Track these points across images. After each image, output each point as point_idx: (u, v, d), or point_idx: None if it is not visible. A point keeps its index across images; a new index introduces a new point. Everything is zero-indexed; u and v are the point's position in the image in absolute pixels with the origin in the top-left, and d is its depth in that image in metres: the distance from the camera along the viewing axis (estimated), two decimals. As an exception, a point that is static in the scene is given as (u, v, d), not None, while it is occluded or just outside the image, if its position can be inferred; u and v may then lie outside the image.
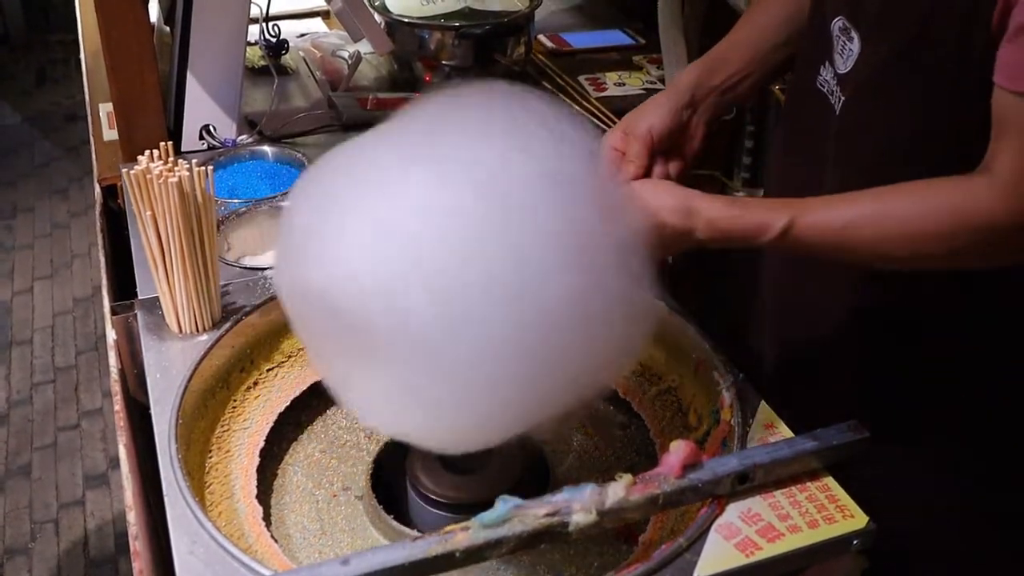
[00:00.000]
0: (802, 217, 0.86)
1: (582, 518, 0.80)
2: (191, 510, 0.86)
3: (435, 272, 0.72)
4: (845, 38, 0.96)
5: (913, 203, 0.84)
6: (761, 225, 0.86)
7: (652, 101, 1.06)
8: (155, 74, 1.39)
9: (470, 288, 0.72)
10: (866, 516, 0.87)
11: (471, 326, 0.73)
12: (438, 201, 0.74)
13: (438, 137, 0.78)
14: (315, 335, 0.85)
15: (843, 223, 0.86)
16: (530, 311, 0.73)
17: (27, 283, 3.17)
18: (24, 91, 4.39)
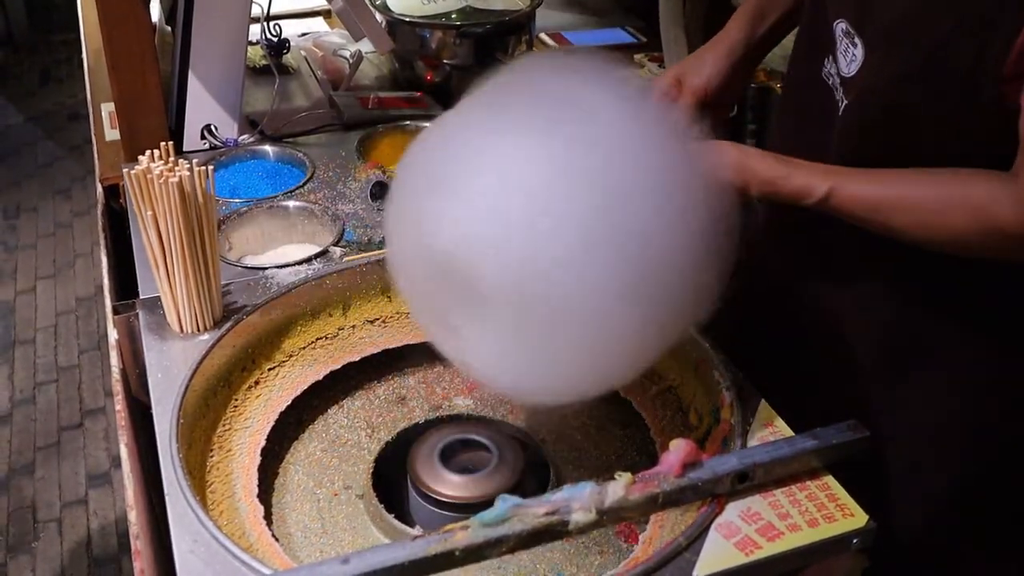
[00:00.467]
0: (842, 188, 0.92)
1: (582, 517, 0.80)
2: (192, 509, 0.86)
3: (557, 229, 0.77)
4: (848, 41, 0.96)
5: (946, 196, 0.88)
6: (805, 188, 0.93)
7: (710, 53, 1.10)
8: (157, 74, 1.39)
9: (587, 242, 0.77)
10: (866, 515, 0.87)
11: (587, 278, 0.77)
12: (554, 163, 0.79)
13: (544, 104, 0.83)
14: (430, 293, 0.88)
15: (876, 201, 0.91)
16: (640, 263, 0.78)
17: (30, 283, 3.18)
18: (28, 91, 4.40)
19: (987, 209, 0.85)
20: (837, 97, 1.00)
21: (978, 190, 0.86)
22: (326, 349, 1.15)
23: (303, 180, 1.39)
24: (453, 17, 1.68)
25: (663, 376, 1.10)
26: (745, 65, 1.11)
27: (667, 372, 1.10)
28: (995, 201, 0.84)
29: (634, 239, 0.78)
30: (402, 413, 1.16)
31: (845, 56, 0.97)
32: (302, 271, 1.19)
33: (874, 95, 0.94)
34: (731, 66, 1.09)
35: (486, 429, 1.06)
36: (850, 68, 0.96)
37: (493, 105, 0.87)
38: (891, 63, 0.91)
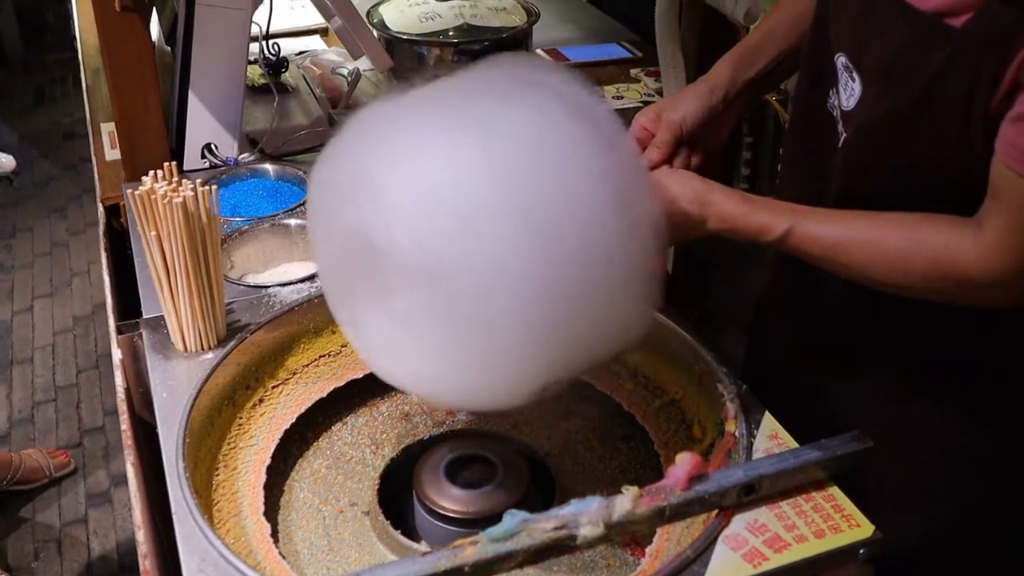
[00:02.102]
0: (800, 226, 0.92)
1: (590, 531, 0.81)
2: (200, 528, 0.86)
3: (476, 221, 0.77)
4: (848, 76, 0.96)
5: (904, 240, 0.89)
6: (764, 226, 0.93)
7: (690, 91, 1.10)
8: (157, 94, 1.40)
9: (506, 238, 0.76)
10: (872, 525, 0.87)
11: (505, 274, 0.77)
12: (479, 157, 0.78)
13: (477, 101, 0.83)
14: (346, 278, 0.87)
15: (835, 241, 0.91)
16: (558, 264, 0.77)
17: (27, 302, 3.18)
18: (23, 111, 4.41)
19: (949, 256, 0.85)
20: (839, 130, 1.00)
21: (940, 236, 0.87)
22: (329, 366, 1.15)
23: (303, 198, 1.40)
24: (451, 35, 1.69)
25: (666, 389, 1.11)
26: (728, 107, 1.09)
27: (670, 385, 1.10)
28: (957, 248, 0.85)
29: (558, 242, 0.77)
30: (406, 429, 1.16)
31: (845, 90, 0.97)
32: (304, 289, 1.19)
33: (870, 131, 0.94)
34: (708, 107, 1.07)
35: (490, 444, 1.06)
36: (849, 103, 0.96)
37: (428, 102, 0.86)
38: (886, 99, 0.91)
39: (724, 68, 1.10)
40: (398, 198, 0.79)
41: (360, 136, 0.86)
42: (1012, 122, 0.80)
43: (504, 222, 0.77)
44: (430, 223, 0.78)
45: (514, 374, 0.84)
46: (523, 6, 1.78)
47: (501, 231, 0.77)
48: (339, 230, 0.84)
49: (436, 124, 0.82)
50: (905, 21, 0.87)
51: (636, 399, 1.12)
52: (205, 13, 1.39)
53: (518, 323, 0.79)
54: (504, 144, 0.79)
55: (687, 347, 1.09)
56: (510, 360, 0.82)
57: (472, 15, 1.70)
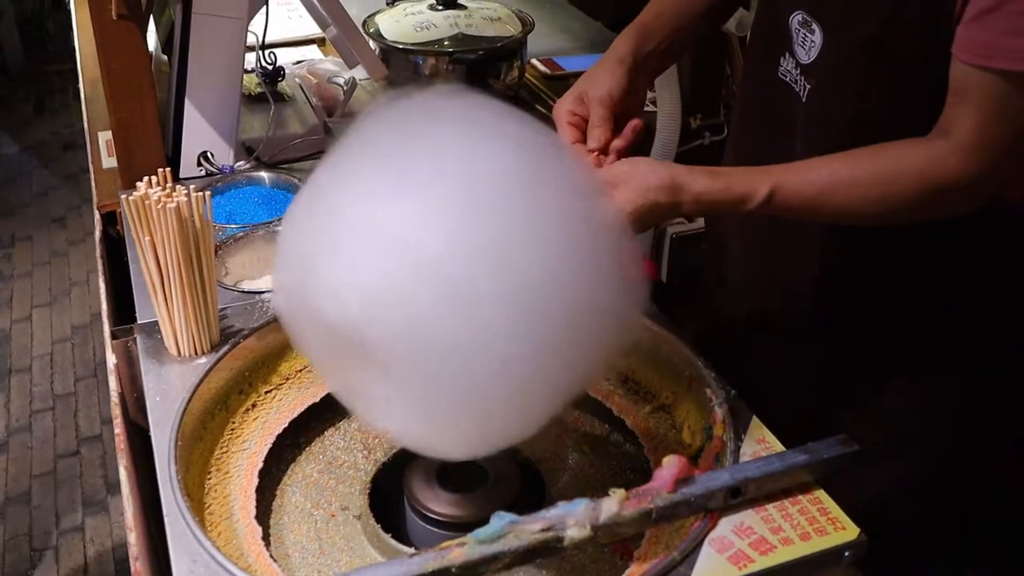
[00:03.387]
0: (783, 184, 0.92)
1: (576, 533, 0.81)
2: (191, 531, 0.87)
3: (430, 280, 0.74)
4: (806, 31, 0.99)
5: (881, 169, 0.90)
6: (745, 195, 0.92)
7: (602, 67, 1.09)
8: (154, 103, 1.41)
9: (466, 290, 0.74)
10: (857, 528, 0.88)
11: (471, 332, 0.74)
12: (427, 210, 0.76)
13: (414, 146, 0.80)
14: (317, 349, 0.86)
15: (818, 190, 0.92)
16: (529, 311, 0.75)
17: (26, 311, 3.19)
18: (23, 121, 4.43)
19: (930, 169, 0.88)
20: (797, 89, 1.02)
21: (914, 154, 0.89)
22: (322, 372, 1.16)
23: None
24: (446, 44, 1.70)
25: (656, 395, 1.12)
26: (639, 75, 1.10)
27: (660, 391, 1.11)
28: (936, 160, 0.87)
29: (525, 285, 0.75)
30: (398, 434, 1.16)
31: (804, 46, 0.99)
32: (298, 295, 1.20)
33: (835, 72, 0.96)
34: (626, 74, 1.07)
35: (481, 449, 1.07)
36: (810, 55, 0.99)
37: (365, 157, 0.82)
38: (850, 36, 0.94)
39: (624, 43, 1.11)
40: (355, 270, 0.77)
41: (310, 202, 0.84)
42: (970, 21, 0.83)
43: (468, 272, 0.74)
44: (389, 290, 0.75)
45: (511, 420, 0.83)
46: (518, 16, 1.79)
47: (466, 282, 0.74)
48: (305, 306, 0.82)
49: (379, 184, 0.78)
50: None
51: (627, 404, 1.13)
52: (201, 22, 1.40)
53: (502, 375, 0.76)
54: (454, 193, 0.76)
55: (677, 353, 1.10)
56: (505, 409, 0.80)
57: (467, 25, 1.72)
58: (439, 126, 0.81)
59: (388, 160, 0.79)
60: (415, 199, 0.76)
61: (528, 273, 0.75)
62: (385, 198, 0.77)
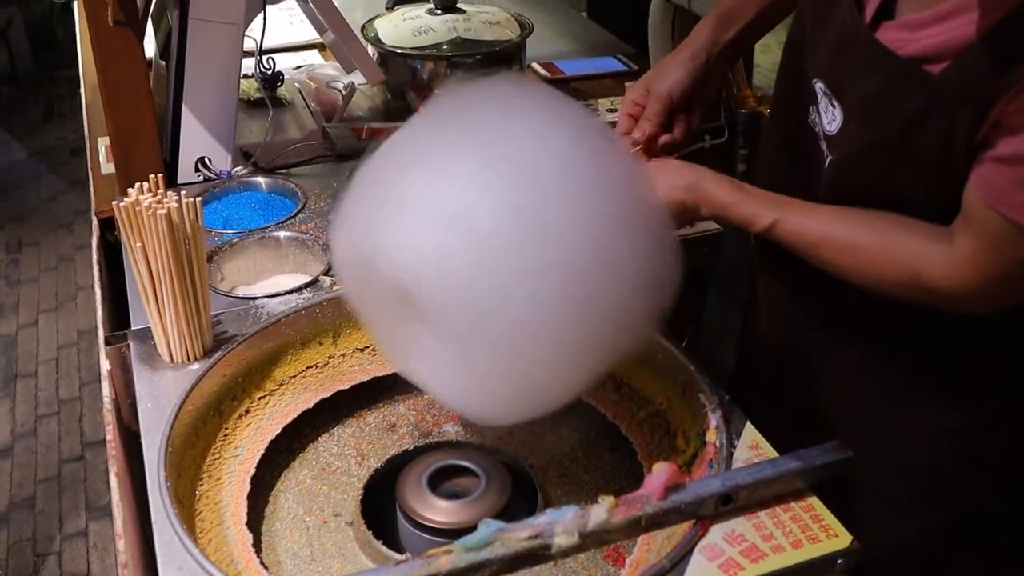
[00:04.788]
0: (785, 220, 0.96)
1: (564, 540, 0.81)
2: (179, 537, 0.87)
3: (481, 248, 0.79)
4: (828, 101, 0.98)
5: (880, 244, 0.93)
6: (752, 216, 0.97)
7: (673, 59, 1.12)
8: (151, 109, 1.41)
9: (518, 260, 0.79)
10: (850, 535, 0.87)
11: (520, 297, 0.79)
12: (486, 182, 0.81)
13: (478, 124, 0.86)
14: (372, 306, 0.92)
15: (816, 238, 0.95)
16: (572, 281, 0.80)
17: (32, 316, 3.20)
18: (32, 126, 4.45)
19: (918, 265, 0.90)
20: (823, 148, 1.02)
21: (913, 243, 0.91)
22: (316, 377, 1.16)
23: (295, 211, 1.41)
24: (444, 48, 1.70)
25: (651, 400, 1.11)
26: (710, 70, 1.12)
27: (655, 396, 1.11)
28: (927, 258, 0.89)
29: (571, 259, 0.80)
30: (392, 440, 1.16)
31: (826, 114, 0.99)
32: (292, 300, 1.20)
33: (853, 160, 0.96)
34: (693, 71, 1.10)
35: (474, 455, 1.06)
36: (832, 127, 0.98)
37: (431, 132, 0.89)
38: (867, 132, 0.93)
39: (704, 32, 1.12)
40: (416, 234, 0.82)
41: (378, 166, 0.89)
42: (990, 161, 0.83)
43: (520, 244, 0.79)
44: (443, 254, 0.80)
45: (550, 386, 0.87)
46: (517, 20, 1.79)
47: (518, 253, 0.79)
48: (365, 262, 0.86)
49: (442, 159, 0.84)
50: (882, 64, 0.89)
51: (621, 410, 1.12)
52: (198, 28, 1.41)
53: (546, 340, 0.81)
54: (511, 170, 0.81)
55: (671, 358, 1.09)
56: (546, 374, 0.85)
57: (465, 29, 1.72)
58: (501, 109, 0.87)
59: (452, 137, 0.85)
60: (474, 174, 0.82)
61: (573, 247, 0.80)
62: (446, 171, 0.83)
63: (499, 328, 0.80)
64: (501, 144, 0.83)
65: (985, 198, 0.83)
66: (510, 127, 0.85)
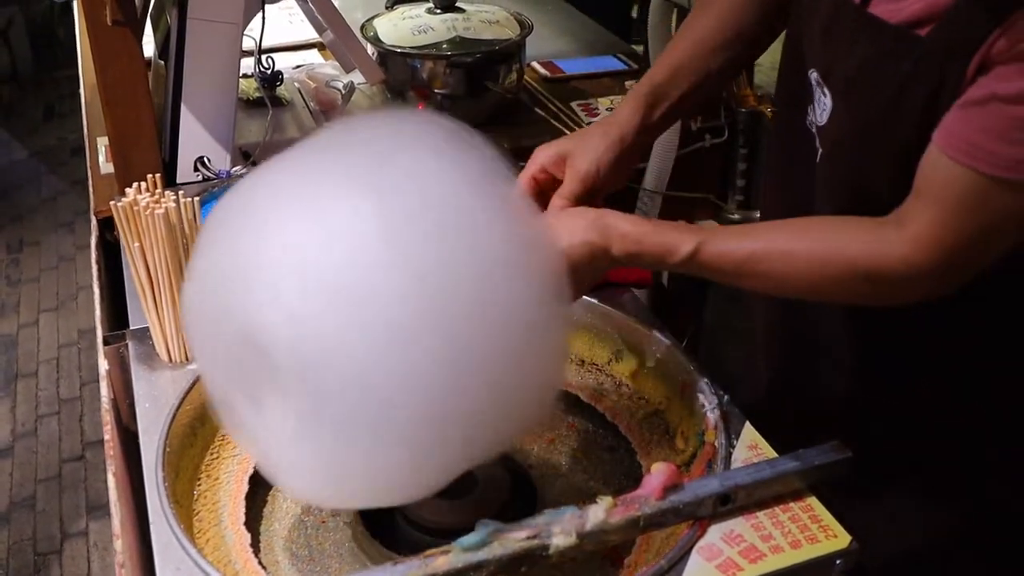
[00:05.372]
0: (708, 245, 0.88)
1: (562, 541, 0.81)
2: (176, 537, 0.87)
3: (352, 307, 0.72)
4: (820, 91, 0.96)
5: (816, 245, 0.87)
6: (668, 247, 0.88)
7: (598, 138, 1.03)
8: (150, 109, 1.41)
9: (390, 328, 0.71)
10: (849, 536, 0.87)
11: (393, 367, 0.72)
12: (354, 232, 0.73)
13: (352, 164, 0.78)
14: (219, 365, 0.82)
15: (747, 254, 0.88)
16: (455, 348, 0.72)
17: (33, 316, 3.20)
18: (32, 126, 4.45)
19: (866, 256, 0.84)
20: (816, 146, 1.00)
21: (855, 237, 0.86)
22: (315, 377, 1.15)
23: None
24: (443, 47, 1.70)
25: (650, 400, 1.11)
26: (635, 152, 1.05)
27: (653, 396, 1.10)
28: (876, 246, 0.84)
29: (450, 321, 0.72)
30: (391, 440, 1.16)
31: (818, 106, 0.97)
32: (291, 300, 1.20)
33: (843, 146, 0.94)
34: (620, 155, 1.02)
35: (473, 455, 1.06)
36: (822, 118, 0.96)
37: (302, 167, 0.81)
38: (855, 112, 0.91)
39: (632, 113, 1.05)
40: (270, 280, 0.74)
41: (226, 219, 0.82)
42: (957, 109, 0.79)
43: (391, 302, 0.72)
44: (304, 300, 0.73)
45: (420, 472, 0.80)
46: (516, 19, 1.79)
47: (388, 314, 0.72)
48: (216, 326, 0.79)
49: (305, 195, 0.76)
50: (872, 34, 0.87)
51: (620, 410, 1.12)
52: (197, 27, 1.41)
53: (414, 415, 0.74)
54: (384, 209, 0.74)
55: (671, 358, 1.09)
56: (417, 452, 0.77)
57: (465, 28, 1.71)
58: (384, 145, 0.79)
59: (321, 177, 0.77)
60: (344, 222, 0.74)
61: (453, 308, 0.72)
62: (313, 220, 0.74)
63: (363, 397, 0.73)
64: (380, 184, 0.75)
65: (948, 151, 0.79)
66: (389, 165, 0.77)
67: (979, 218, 0.80)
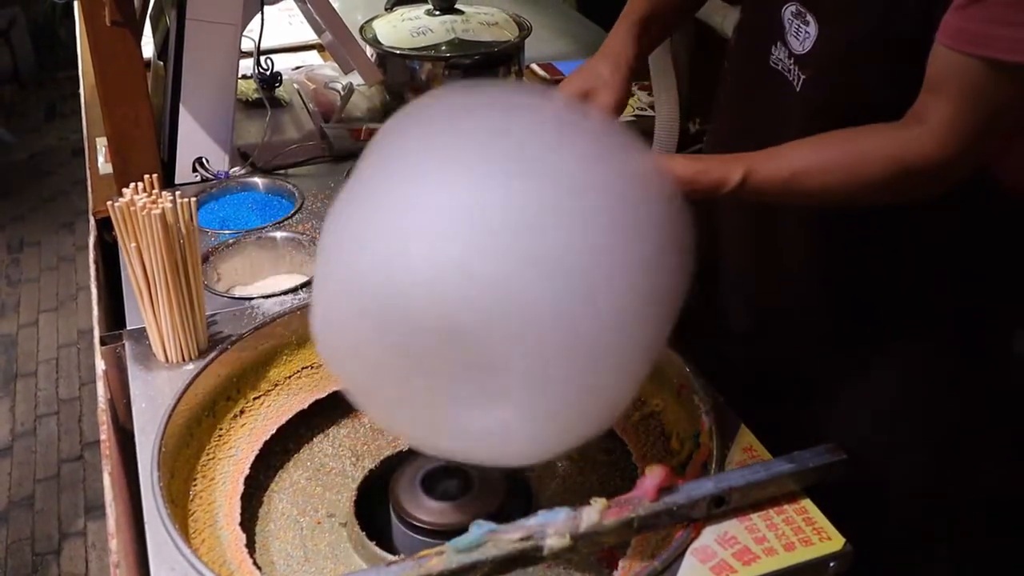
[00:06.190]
0: (756, 170, 0.93)
1: (556, 542, 0.81)
2: (171, 538, 0.87)
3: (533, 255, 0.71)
4: (800, 21, 0.99)
5: (854, 153, 0.92)
6: (723, 178, 0.93)
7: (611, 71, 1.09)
8: (149, 109, 1.41)
9: (570, 270, 0.72)
10: (843, 538, 0.87)
11: (582, 308, 0.73)
12: (513, 190, 0.73)
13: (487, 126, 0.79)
14: (382, 357, 0.77)
15: (790, 174, 0.93)
16: (604, 303, 0.74)
17: (32, 316, 3.20)
18: (33, 127, 4.46)
19: (902, 153, 0.88)
20: (791, 78, 1.02)
21: (887, 139, 0.90)
22: (312, 378, 1.16)
23: (292, 211, 1.41)
24: (442, 49, 1.70)
25: (646, 402, 1.11)
26: (633, 77, 1.13)
27: (650, 398, 1.10)
28: (910, 145, 0.88)
29: (606, 263, 0.75)
30: (387, 441, 1.16)
31: (798, 36, 0.99)
32: (288, 301, 1.20)
33: (833, 66, 0.96)
34: (628, 82, 1.10)
35: (469, 456, 1.06)
36: (804, 46, 0.99)
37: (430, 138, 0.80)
38: (846, 29, 0.94)
39: (629, 42, 1.12)
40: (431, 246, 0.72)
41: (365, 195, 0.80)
42: (960, 8, 0.82)
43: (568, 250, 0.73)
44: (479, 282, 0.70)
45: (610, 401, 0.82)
46: (515, 20, 1.79)
47: (568, 261, 0.73)
48: (371, 303, 0.74)
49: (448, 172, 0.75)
50: None
51: (616, 411, 1.12)
52: (195, 28, 1.41)
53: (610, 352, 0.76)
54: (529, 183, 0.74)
55: (667, 360, 1.09)
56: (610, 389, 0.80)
57: (464, 29, 1.72)
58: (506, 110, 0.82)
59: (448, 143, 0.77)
60: (495, 180, 0.74)
61: (618, 249, 0.75)
62: (471, 171, 0.74)
63: (572, 352, 0.73)
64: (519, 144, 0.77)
65: (959, 45, 0.82)
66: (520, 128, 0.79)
67: (992, 104, 0.84)
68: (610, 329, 0.75)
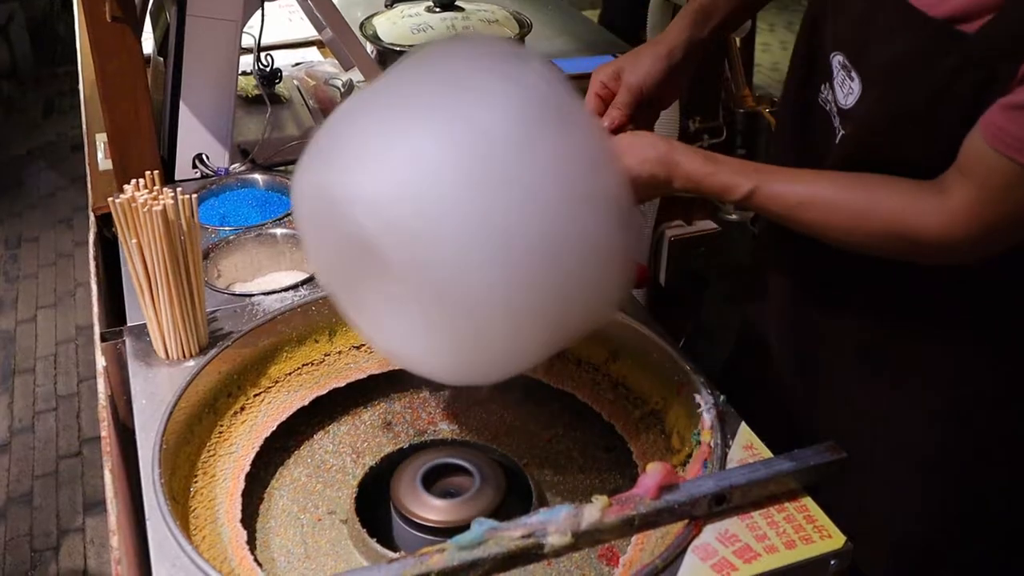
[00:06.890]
0: (764, 187, 0.94)
1: (557, 540, 0.81)
2: (172, 534, 0.87)
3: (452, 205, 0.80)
4: (846, 74, 0.97)
5: (863, 201, 0.91)
6: (729, 186, 0.95)
7: (649, 52, 1.10)
8: (148, 105, 1.41)
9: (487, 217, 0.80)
10: (843, 536, 0.87)
11: (482, 258, 0.80)
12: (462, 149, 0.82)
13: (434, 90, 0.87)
14: (328, 258, 0.94)
15: (797, 201, 0.94)
16: (534, 245, 0.81)
17: (31, 312, 3.20)
18: (32, 123, 4.45)
19: (906, 218, 0.89)
20: (835, 125, 1.01)
21: (899, 198, 0.90)
22: (312, 375, 1.16)
23: (290, 209, 1.41)
24: (443, 46, 1.70)
25: (646, 400, 1.11)
26: (685, 66, 1.11)
27: (650, 395, 1.10)
28: (916, 211, 0.88)
29: (537, 219, 0.81)
30: (387, 438, 1.16)
31: (842, 88, 0.98)
32: (288, 297, 1.20)
33: (873, 130, 0.95)
34: (669, 68, 1.09)
35: (469, 453, 1.06)
36: (847, 100, 0.97)
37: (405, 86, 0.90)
38: (890, 100, 0.92)
39: (681, 29, 1.11)
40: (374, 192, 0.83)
41: (332, 139, 0.90)
42: (1006, 108, 0.81)
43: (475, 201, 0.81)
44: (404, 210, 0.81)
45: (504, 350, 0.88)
46: (516, 18, 1.79)
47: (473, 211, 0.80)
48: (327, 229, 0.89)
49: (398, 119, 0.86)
50: (912, 27, 0.88)
51: (617, 410, 1.12)
52: (196, 24, 1.40)
53: (500, 301, 0.82)
54: (465, 130, 0.83)
55: (667, 358, 1.09)
56: (498, 337, 0.86)
57: (464, 27, 1.71)
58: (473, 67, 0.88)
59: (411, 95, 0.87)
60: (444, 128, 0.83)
61: (540, 208, 0.81)
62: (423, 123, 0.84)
63: (459, 280, 0.81)
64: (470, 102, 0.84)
65: (996, 145, 0.82)
66: (468, 91, 0.85)
67: (1015, 204, 0.84)
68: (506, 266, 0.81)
